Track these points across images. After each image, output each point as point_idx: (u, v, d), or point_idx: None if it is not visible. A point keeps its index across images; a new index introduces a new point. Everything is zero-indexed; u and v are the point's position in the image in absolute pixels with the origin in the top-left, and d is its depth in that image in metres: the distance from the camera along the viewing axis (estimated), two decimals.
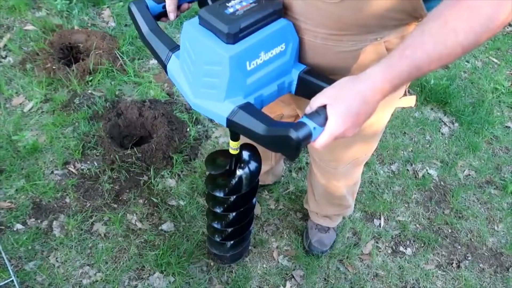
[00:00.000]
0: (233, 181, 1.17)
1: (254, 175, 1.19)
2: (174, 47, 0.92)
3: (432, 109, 2.43)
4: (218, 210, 1.26)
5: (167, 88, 2.24)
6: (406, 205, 2.02)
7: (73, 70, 2.15)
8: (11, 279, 1.54)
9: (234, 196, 1.22)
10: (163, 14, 1.01)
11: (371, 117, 0.80)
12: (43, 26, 2.35)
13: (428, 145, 2.27)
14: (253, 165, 1.18)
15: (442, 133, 2.33)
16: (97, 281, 1.61)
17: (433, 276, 1.81)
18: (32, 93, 2.08)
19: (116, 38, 2.37)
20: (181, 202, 1.85)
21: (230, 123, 0.84)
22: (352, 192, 1.59)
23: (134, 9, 0.96)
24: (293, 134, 0.74)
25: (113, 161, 1.89)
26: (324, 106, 0.77)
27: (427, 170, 2.16)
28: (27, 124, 1.98)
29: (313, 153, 1.40)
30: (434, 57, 0.72)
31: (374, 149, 1.35)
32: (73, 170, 1.87)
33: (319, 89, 0.82)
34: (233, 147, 1.11)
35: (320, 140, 0.77)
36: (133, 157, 1.89)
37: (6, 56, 2.23)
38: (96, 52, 2.22)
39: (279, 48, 0.85)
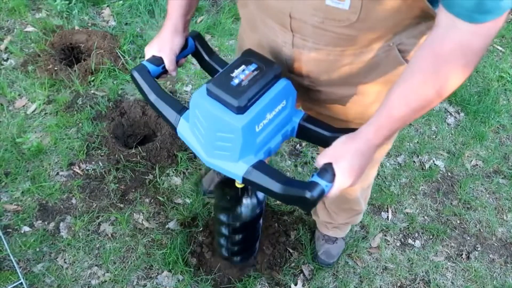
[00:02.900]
0: (239, 209, 1.24)
1: (260, 203, 1.25)
2: (181, 109, 0.98)
3: None
4: (225, 231, 1.32)
5: (169, 86, 2.23)
6: (413, 197, 2.01)
7: (75, 71, 2.15)
8: (20, 281, 1.54)
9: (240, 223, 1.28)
10: (162, 73, 1.07)
11: None
12: (43, 27, 2.34)
13: (434, 136, 2.25)
14: (260, 195, 1.25)
15: (448, 124, 2.31)
16: (105, 281, 1.61)
17: (442, 268, 1.80)
18: (34, 95, 2.08)
19: (117, 37, 2.36)
20: (187, 200, 1.84)
21: (246, 181, 0.91)
22: (365, 196, 1.55)
23: (137, 77, 1.01)
24: (309, 195, 0.82)
25: (118, 161, 1.88)
26: (329, 164, 0.86)
27: (433, 161, 2.15)
28: (31, 126, 1.98)
29: None
30: (418, 111, 0.81)
31: (388, 149, 1.33)
32: (78, 171, 1.87)
33: (317, 135, 0.96)
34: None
35: (331, 194, 0.87)
36: (138, 156, 1.89)
37: (7, 58, 2.23)
38: (98, 52, 2.21)
39: (281, 105, 0.92)
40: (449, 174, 2.12)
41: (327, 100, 1.06)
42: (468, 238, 1.91)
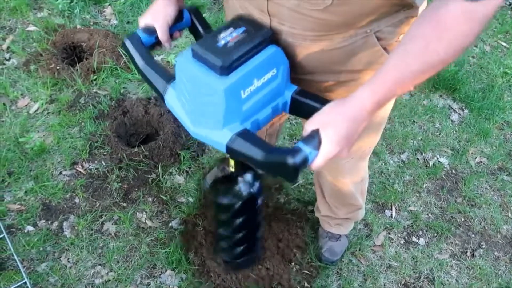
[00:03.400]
0: (239, 204, 1.19)
1: (258, 194, 1.20)
2: (170, 78, 0.95)
3: (441, 96, 2.39)
4: (226, 231, 1.26)
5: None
6: (417, 195, 2.00)
7: (77, 70, 2.14)
8: (24, 281, 1.54)
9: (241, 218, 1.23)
10: (156, 44, 1.05)
11: None
12: (45, 27, 2.34)
13: (438, 133, 2.23)
14: (255, 186, 1.19)
15: (452, 121, 2.30)
16: (109, 280, 1.61)
17: (447, 266, 1.79)
18: (37, 94, 2.08)
19: (119, 36, 2.35)
20: (190, 199, 1.84)
21: (230, 150, 0.87)
22: (361, 191, 1.55)
23: (128, 44, 1.00)
24: (290, 161, 0.78)
25: (121, 160, 1.88)
26: (316, 130, 0.81)
27: (437, 158, 2.13)
28: (34, 126, 1.98)
29: None
30: (418, 75, 0.77)
31: (377, 142, 1.32)
32: (81, 170, 1.87)
33: (311, 109, 0.89)
34: (233, 164, 1.13)
35: (315, 163, 0.82)
36: (141, 155, 1.88)
37: (9, 58, 2.23)
38: (100, 51, 2.21)
39: (270, 73, 0.88)
40: (453, 171, 2.10)
41: (310, 89, 1.04)
42: (473, 235, 1.90)
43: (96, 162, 1.90)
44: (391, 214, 1.92)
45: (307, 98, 0.93)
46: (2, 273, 1.58)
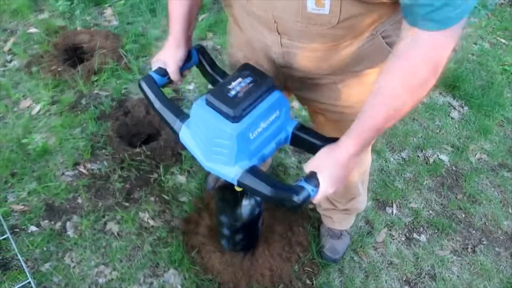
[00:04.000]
0: (239, 211, 1.33)
1: (259, 205, 1.33)
2: (183, 117, 1.05)
3: (440, 93, 2.40)
4: (226, 231, 1.44)
5: (174, 84, 2.23)
6: (418, 192, 2.01)
7: (78, 71, 2.16)
8: (28, 280, 1.55)
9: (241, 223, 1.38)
10: (168, 83, 1.16)
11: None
12: (46, 28, 2.35)
13: (438, 130, 2.24)
14: (257, 203, 1.32)
15: (452, 118, 2.30)
16: (112, 279, 1.62)
17: (448, 262, 1.80)
18: (39, 96, 2.09)
19: (120, 37, 2.36)
20: (192, 198, 1.85)
21: (240, 184, 0.98)
22: (363, 180, 1.57)
23: (144, 86, 1.09)
24: (296, 198, 0.90)
25: (123, 160, 1.89)
26: (315, 173, 0.93)
27: (438, 155, 2.14)
28: (36, 127, 1.99)
29: None
30: (389, 121, 0.88)
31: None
32: (84, 171, 1.88)
33: (309, 144, 1.03)
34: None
35: (317, 199, 0.94)
36: (142, 155, 1.89)
37: (11, 60, 2.24)
38: (101, 52, 2.22)
39: (274, 115, 0.99)
40: (453, 168, 2.11)
41: (320, 85, 1.11)
42: (474, 232, 1.91)
43: (98, 162, 1.91)
44: (392, 211, 1.93)
45: (305, 134, 1.05)
46: (6, 273, 1.59)
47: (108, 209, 1.79)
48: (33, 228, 1.71)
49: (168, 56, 1.13)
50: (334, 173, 0.93)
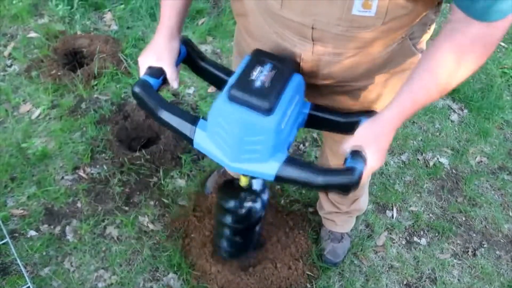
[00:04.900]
0: (243, 211, 1.27)
1: (263, 206, 1.27)
2: (194, 120, 0.96)
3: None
4: (226, 232, 1.38)
5: (172, 88, 2.23)
6: (418, 195, 2.00)
7: (78, 75, 2.16)
8: (27, 285, 1.55)
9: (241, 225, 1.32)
10: (163, 85, 1.02)
11: None
12: (46, 33, 2.35)
13: (438, 133, 2.24)
14: (264, 197, 1.26)
15: (451, 121, 2.30)
16: (112, 284, 1.62)
17: (449, 265, 1.80)
18: (39, 100, 2.09)
19: (119, 41, 2.37)
20: (192, 202, 1.85)
21: (279, 179, 0.91)
22: (367, 180, 1.58)
23: (141, 93, 0.95)
24: (352, 180, 0.85)
25: (122, 164, 1.89)
26: (359, 148, 0.90)
27: (438, 158, 2.14)
28: (36, 131, 1.99)
29: (332, 142, 1.36)
30: (435, 94, 0.87)
31: None
32: (83, 175, 1.88)
33: (329, 121, 1.01)
34: (244, 181, 1.18)
35: (365, 175, 0.90)
36: (142, 159, 1.89)
37: (11, 64, 2.25)
38: (100, 56, 2.22)
39: (296, 100, 0.94)
40: (453, 171, 2.11)
41: (339, 92, 1.08)
42: (474, 235, 1.91)
43: (98, 166, 1.91)
44: (392, 215, 1.92)
45: (323, 112, 1.01)
46: (6, 277, 1.59)
47: (107, 213, 1.78)
48: (32, 233, 1.71)
49: (162, 50, 0.99)
50: (380, 145, 0.91)
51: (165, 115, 0.95)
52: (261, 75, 0.88)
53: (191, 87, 2.26)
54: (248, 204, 1.26)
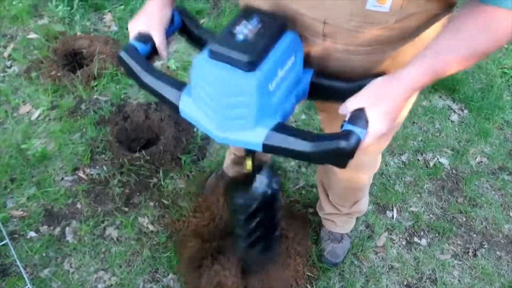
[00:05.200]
0: (255, 204, 1.13)
1: (276, 194, 1.15)
2: (180, 85, 0.89)
3: (440, 97, 2.40)
4: (241, 231, 1.22)
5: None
6: (418, 195, 2.00)
7: (78, 76, 2.16)
8: (27, 286, 1.55)
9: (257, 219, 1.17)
10: (151, 54, 0.97)
11: None
12: (46, 34, 2.35)
13: (438, 134, 2.24)
14: (274, 185, 1.13)
15: (451, 121, 2.30)
16: (112, 285, 1.62)
17: (449, 266, 1.79)
18: (38, 101, 2.09)
19: (119, 42, 2.37)
20: (192, 203, 1.85)
21: (267, 148, 0.82)
22: (369, 182, 1.56)
23: (125, 57, 0.91)
24: (345, 145, 0.75)
25: (122, 165, 1.89)
26: (361, 109, 0.80)
27: (438, 159, 2.14)
28: (35, 132, 1.99)
29: None
30: (462, 62, 0.79)
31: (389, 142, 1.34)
32: (83, 176, 1.88)
33: (333, 89, 0.90)
34: (248, 164, 1.08)
35: (365, 143, 0.80)
36: (142, 160, 1.89)
37: (11, 65, 2.25)
38: (100, 57, 2.22)
39: (290, 61, 0.86)
40: (453, 171, 2.11)
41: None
42: (475, 235, 1.90)
43: (97, 167, 1.91)
44: (393, 215, 1.92)
45: (327, 80, 0.90)
46: (5, 279, 1.59)
47: (107, 214, 1.78)
48: (32, 234, 1.71)
49: (152, 16, 0.95)
50: (391, 106, 0.80)
51: (150, 80, 0.89)
52: (245, 29, 0.79)
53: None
54: (259, 195, 1.13)
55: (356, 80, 0.88)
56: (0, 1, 2.48)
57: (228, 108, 0.80)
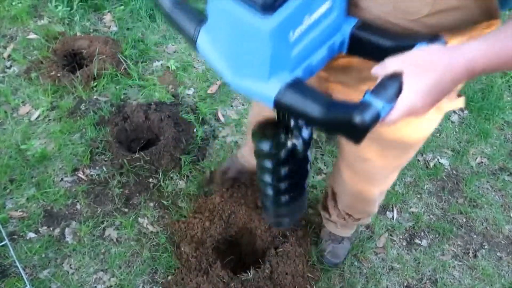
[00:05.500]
0: (284, 153, 1.01)
1: (307, 142, 1.03)
2: (201, 20, 0.79)
3: None
4: (269, 179, 1.09)
5: (172, 90, 2.23)
6: (418, 196, 2.00)
7: (77, 77, 2.16)
8: (26, 287, 1.54)
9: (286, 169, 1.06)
10: None
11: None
12: (45, 34, 2.35)
13: (438, 134, 2.24)
14: (305, 132, 1.02)
15: (452, 121, 2.30)
16: (111, 286, 1.61)
17: (449, 267, 1.79)
18: (38, 102, 2.09)
19: (119, 42, 2.37)
20: (191, 204, 1.84)
21: (278, 104, 0.73)
22: (380, 200, 1.49)
23: None
24: (358, 119, 0.64)
25: (122, 166, 1.89)
26: (397, 75, 0.66)
27: (438, 159, 2.13)
28: (35, 133, 1.99)
29: (353, 157, 1.22)
30: None
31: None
32: (83, 176, 1.88)
33: (375, 46, 0.76)
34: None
35: (391, 117, 0.67)
36: (141, 161, 1.89)
37: (11, 66, 2.24)
38: (100, 57, 2.22)
39: (325, 6, 0.72)
40: (454, 172, 2.10)
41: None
42: (475, 236, 1.90)
43: (97, 168, 1.91)
44: (393, 216, 1.92)
45: (371, 33, 0.77)
46: (4, 280, 1.58)
47: (107, 215, 1.78)
48: (31, 235, 1.71)
49: None
50: (435, 83, 0.65)
51: (171, 10, 0.82)
52: None
53: (190, 88, 2.26)
54: (287, 141, 1.02)
55: (407, 39, 0.74)
56: (0, 1, 2.48)
57: (242, 53, 0.73)
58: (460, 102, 0.99)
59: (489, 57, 0.65)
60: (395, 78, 0.66)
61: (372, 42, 0.77)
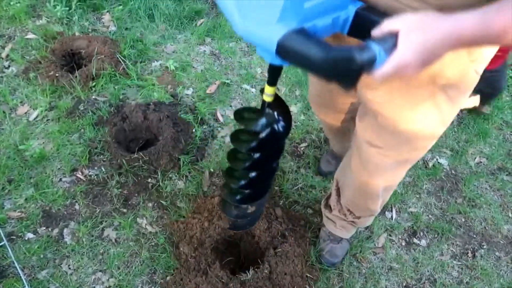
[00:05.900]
0: (259, 138, 1.04)
1: (282, 135, 1.07)
2: None
3: None
4: (241, 165, 1.10)
5: (170, 90, 2.23)
6: (417, 196, 2.00)
7: (76, 77, 2.15)
8: None
9: (257, 155, 1.08)
10: None
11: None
12: (44, 34, 2.35)
13: None
14: (281, 124, 1.05)
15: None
16: (110, 286, 1.61)
17: (448, 267, 1.79)
18: (36, 102, 2.09)
19: (118, 42, 2.36)
20: (190, 204, 1.84)
21: (281, 49, 0.75)
22: (384, 199, 1.48)
23: None
24: (357, 56, 0.69)
25: (121, 166, 1.88)
26: (394, 34, 0.72)
27: (437, 159, 2.13)
28: (33, 133, 1.99)
29: (365, 143, 1.23)
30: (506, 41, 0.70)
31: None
32: (81, 177, 1.87)
33: (374, 26, 0.79)
34: (269, 93, 1.00)
35: (383, 69, 0.73)
36: (140, 161, 1.89)
37: (9, 66, 2.24)
38: (98, 57, 2.21)
39: None
40: (453, 172, 2.10)
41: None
42: (474, 236, 1.90)
43: (96, 168, 1.90)
44: (392, 216, 1.92)
45: (375, 14, 0.81)
46: (3, 280, 1.58)
47: (105, 215, 1.77)
48: (30, 235, 1.70)
49: None
50: (430, 41, 0.71)
51: None
52: None
53: (189, 88, 2.25)
54: (269, 125, 1.05)
55: None
56: None
57: None
58: (475, 100, 1.01)
59: (477, 28, 0.69)
60: (392, 37, 0.72)
61: (374, 24, 0.80)
